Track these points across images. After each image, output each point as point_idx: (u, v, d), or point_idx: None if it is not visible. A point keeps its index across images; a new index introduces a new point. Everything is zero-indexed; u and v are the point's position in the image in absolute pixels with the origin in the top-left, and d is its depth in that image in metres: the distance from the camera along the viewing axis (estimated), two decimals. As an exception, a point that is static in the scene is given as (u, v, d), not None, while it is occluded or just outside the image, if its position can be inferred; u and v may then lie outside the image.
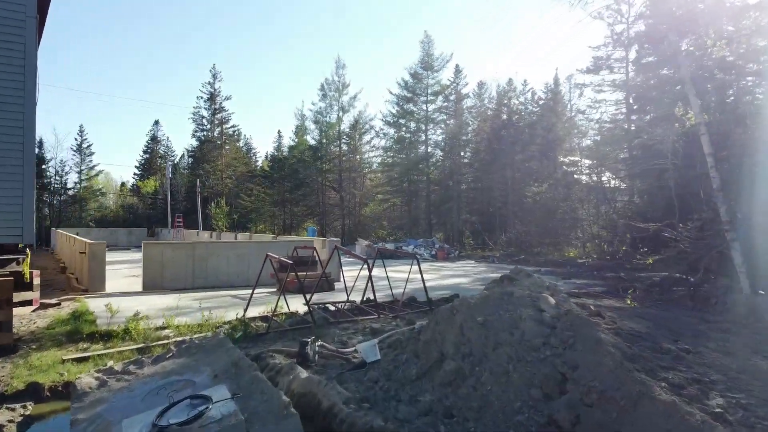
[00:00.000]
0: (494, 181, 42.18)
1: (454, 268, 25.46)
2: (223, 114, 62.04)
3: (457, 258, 30.94)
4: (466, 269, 24.68)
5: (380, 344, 8.71)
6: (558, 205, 36.42)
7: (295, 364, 7.62)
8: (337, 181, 54.61)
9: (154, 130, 72.90)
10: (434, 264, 27.62)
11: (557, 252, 36.53)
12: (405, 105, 49.53)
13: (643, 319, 9.77)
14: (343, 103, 54.27)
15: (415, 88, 48.96)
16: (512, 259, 28.91)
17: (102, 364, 8.45)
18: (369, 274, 12.12)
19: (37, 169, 57.00)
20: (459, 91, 46.76)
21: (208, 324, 10.46)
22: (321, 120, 55.02)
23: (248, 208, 56.20)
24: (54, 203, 58.75)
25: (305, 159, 54.91)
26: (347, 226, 53.95)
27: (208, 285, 16.75)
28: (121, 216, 63.05)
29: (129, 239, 43.08)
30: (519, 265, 26.72)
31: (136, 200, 72.84)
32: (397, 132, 50.80)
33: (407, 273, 15.89)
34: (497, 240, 41.38)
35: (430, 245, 32.82)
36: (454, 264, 27.80)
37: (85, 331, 10.00)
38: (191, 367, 7.19)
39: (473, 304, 6.85)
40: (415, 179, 50.17)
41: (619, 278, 19.25)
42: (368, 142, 56.96)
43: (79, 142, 58.91)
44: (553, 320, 5.94)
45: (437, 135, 49.72)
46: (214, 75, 62.56)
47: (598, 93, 38.53)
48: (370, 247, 31.64)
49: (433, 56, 48.18)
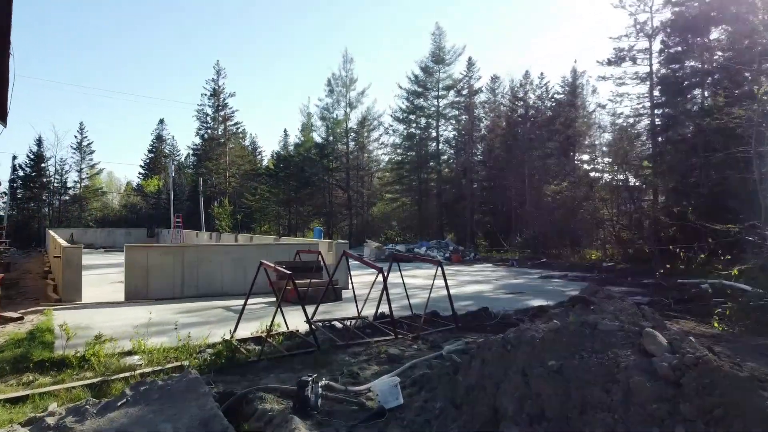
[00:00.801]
0: (509, 179, 40.12)
1: (471, 272, 23.48)
2: (227, 111, 60.29)
3: (473, 261, 28.95)
4: (485, 274, 22.68)
5: (402, 380, 6.76)
6: (579, 204, 34.35)
7: (291, 415, 5.68)
8: (345, 180, 52.70)
9: (159, 128, 71.45)
10: (449, 268, 25.62)
11: (576, 254, 34.49)
12: (415, 100, 47.55)
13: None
14: (350, 98, 52.42)
15: (425, 82, 46.98)
16: (533, 262, 26.86)
17: (43, 407, 6.55)
18: (384, 287, 10.18)
19: (36, 168, 55.51)
20: (472, 85, 44.75)
21: (187, 347, 8.53)
22: (328, 116, 53.18)
23: (253, 207, 54.37)
24: (54, 203, 57.15)
25: (311, 157, 53.02)
26: (355, 227, 52.03)
27: (200, 294, 14.85)
28: (124, 216, 61.38)
29: (127, 240, 41.25)
30: (542, 269, 24.75)
31: (139, 200, 71.36)
32: (406, 128, 48.81)
33: (425, 279, 14.06)
34: (512, 241, 39.35)
35: (444, 247, 30.83)
36: (470, 268, 25.81)
37: (35, 358, 8.09)
38: (147, 423, 5.25)
39: (539, 340, 4.86)
40: (426, 177, 48.17)
41: (659, 286, 17.23)
42: (377, 139, 55.11)
43: (80, 140, 57.35)
44: (674, 373, 3.93)
45: (449, 131, 47.74)
46: (218, 71, 60.78)
47: (620, 86, 36.39)
48: (380, 249, 29.70)
49: (445, 49, 46.21)
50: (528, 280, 20.21)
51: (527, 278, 20.95)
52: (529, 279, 20.72)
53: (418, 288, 16.97)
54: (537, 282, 19.69)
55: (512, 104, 42.29)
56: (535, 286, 18.42)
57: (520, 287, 17.88)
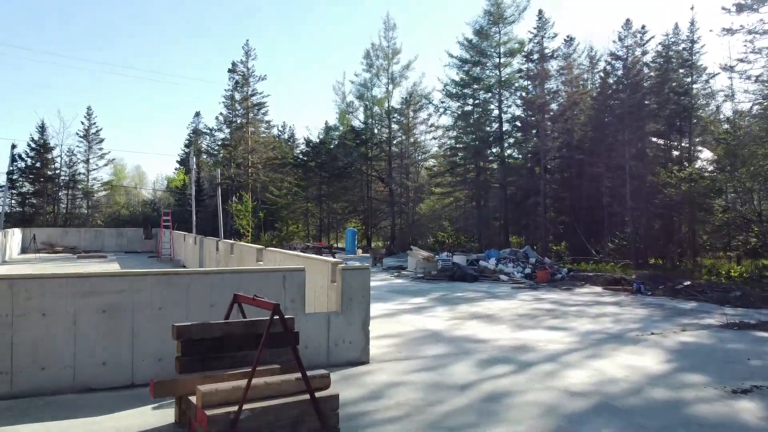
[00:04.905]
0: (599, 165, 30.44)
1: (579, 305, 14.26)
2: (255, 96, 52.57)
3: (566, 280, 19.60)
4: (606, 311, 13.43)
5: None
6: (709, 196, 24.54)
7: None
8: (386, 170, 43.89)
9: (195, 122, 64.41)
10: (539, 294, 16.49)
11: (697, 266, 24.81)
12: (471, 69, 38.19)
13: None
14: (393, 73, 43.53)
15: (482, 48, 37.56)
16: (664, 284, 17.29)
17: None
18: None
19: (41, 159, 49.05)
20: (544, 47, 34.98)
21: None
22: (365, 94, 44.47)
23: (278, 204, 46.29)
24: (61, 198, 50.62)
25: (346, 143, 44.45)
26: (398, 227, 43.17)
27: (15, 391, 6.34)
28: (141, 213, 54.41)
29: (119, 242, 33.73)
30: (683, 297, 15.08)
31: (167, 195, 65.10)
32: (461, 106, 39.49)
33: (512, 325, 5.85)
34: (603, 247, 29.75)
35: (522, 259, 21.54)
36: (572, 296, 16.56)
37: None
38: None
39: None
40: (485, 167, 38.79)
41: None
42: (424, 120, 46.00)
43: (86, 127, 50.47)
44: None
45: (515, 108, 38.17)
46: (246, 52, 53.08)
47: (752, 41, 26.16)
48: (430, 261, 20.74)
49: (504, 3, 36.62)
50: (713, 337, 10.90)
51: (698, 326, 11.62)
52: (705, 330, 11.38)
53: (503, 349, 8.05)
54: (733, 339, 10.39)
55: (608, 65, 32.34)
56: (744, 354, 9.15)
57: (737, 368, 8.62)
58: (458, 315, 12.67)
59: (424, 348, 9.39)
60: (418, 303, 14.57)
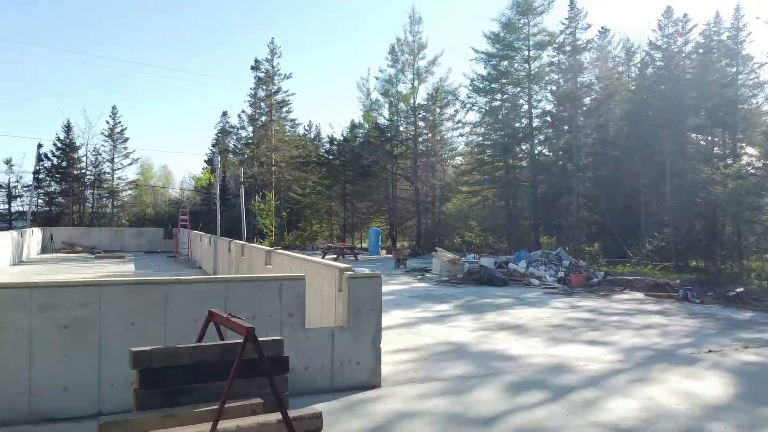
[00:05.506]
0: (636, 163, 28.75)
1: (621, 315, 12.90)
2: (279, 94, 51.89)
3: (603, 285, 18.13)
4: (651, 321, 12.05)
5: None
6: (758, 194, 22.69)
7: None
8: (411, 169, 42.69)
9: (222, 122, 64.04)
10: (574, 301, 15.15)
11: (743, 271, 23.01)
12: (499, 63, 36.68)
13: None
14: (418, 68, 42.28)
15: (510, 41, 35.99)
16: (713, 291, 15.74)
17: None
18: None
19: (67, 159, 49.16)
20: (576, 38, 33.34)
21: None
22: (390, 91, 43.30)
23: (301, 203, 45.51)
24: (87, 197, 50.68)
25: (371, 140, 43.40)
26: (424, 227, 41.95)
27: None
28: (167, 212, 54.25)
29: (138, 242, 33.30)
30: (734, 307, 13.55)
31: (193, 195, 65.10)
32: (489, 101, 38.02)
33: (545, 336, 5.52)
34: (640, 248, 28.01)
35: (555, 261, 20.14)
36: (612, 303, 15.18)
37: None
38: None
39: None
40: (515, 164, 37.29)
41: None
42: (451, 117, 44.60)
43: (111, 126, 50.42)
44: None
45: (545, 103, 36.56)
46: (272, 50, 52.43)
47: None
48: (456, 263, 19.51)
49: (533, -7, 34.96)
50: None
51: (761, 341, 10.19)
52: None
53: (536, 369, 6.83)
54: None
55: (647, 56, 30.55)
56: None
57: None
58: (485, 325, 11.45)
59: (446, 366, 8.22)
60: (441, 310, 13.38)
